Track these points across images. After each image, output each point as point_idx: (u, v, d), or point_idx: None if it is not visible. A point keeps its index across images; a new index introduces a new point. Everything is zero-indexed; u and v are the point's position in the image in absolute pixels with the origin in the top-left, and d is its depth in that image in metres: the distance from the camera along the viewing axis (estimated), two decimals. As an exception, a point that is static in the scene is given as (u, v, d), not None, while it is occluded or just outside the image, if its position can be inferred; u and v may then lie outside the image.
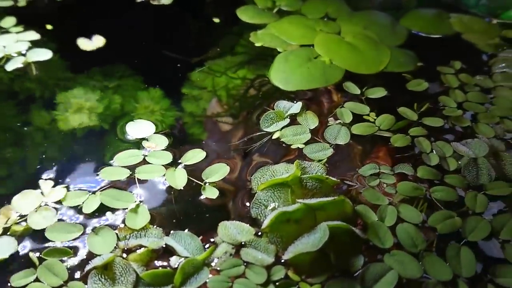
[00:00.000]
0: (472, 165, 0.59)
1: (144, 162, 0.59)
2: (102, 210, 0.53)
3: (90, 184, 0.57)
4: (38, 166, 0.60)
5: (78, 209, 0.53)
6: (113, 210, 0.53)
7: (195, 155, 0.60)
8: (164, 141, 0.62)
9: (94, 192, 0.55)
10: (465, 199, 0.55)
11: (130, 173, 0.57)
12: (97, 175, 0.58)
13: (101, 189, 0.55)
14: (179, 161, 0.59)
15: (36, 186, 0.56)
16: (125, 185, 0.57)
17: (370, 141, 0.63)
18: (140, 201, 0.54)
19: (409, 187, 0.56)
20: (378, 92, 0.70)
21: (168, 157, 0.59)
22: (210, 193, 0.55)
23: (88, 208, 0.53)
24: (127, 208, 0.53)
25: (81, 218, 0.53)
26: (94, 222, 0.52)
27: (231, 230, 0.51)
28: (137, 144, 0.62)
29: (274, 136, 0.63)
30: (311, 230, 0.50)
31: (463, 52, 0.80)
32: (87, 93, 0.72)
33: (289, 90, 0.71)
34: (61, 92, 0.72)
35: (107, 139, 0.65)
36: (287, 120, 0.65)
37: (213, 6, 0.93)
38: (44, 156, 0.62)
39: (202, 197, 0.55)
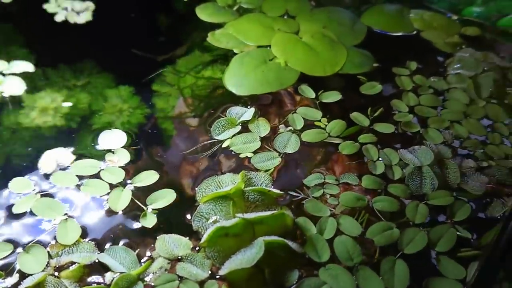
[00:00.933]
0: (416, 174, 0.59)
1: (98, 176, 0.58)
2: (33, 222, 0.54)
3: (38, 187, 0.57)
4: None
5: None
6: (42, 222, 0.53)
7: (147, 177, 0.58)
8: (126, 157, 0.61)
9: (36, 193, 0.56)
10: (406, 209, 0.56)
11: (79, 183, 0.57)
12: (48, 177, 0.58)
13: (42, 193, 0.56)
14: (129, 181, 0.58)
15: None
16: (69, 194, 0.57)
17: (320, 148, 0.63)
18: (70, 216, 0.54)
19: (352, 197, 0.57)
20: (332, 96, 0.70)
21: (121, 175, 0.58)
22: (148, 221, 0.53)
23: (18, 209, 0.54)
24: (55, 219, 0.53)
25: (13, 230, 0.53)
26: (25, 238, 0.52)
27: (169, 244, 0.51)
28: (104, 154, 0.62)
29: (224, 145, 0.63)
30: (248, 245, 0.50)
31: (420, 51, 0.80)
32: (54, 93, 0.72)
33: (242, 95, 0.71)
34: (27, 92, 0.71)
35: (75, 140, 0.64)
36: (239, 127, 0.65)
37: (183, 2, 0.92)
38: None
39: (138, 225, 0.54)
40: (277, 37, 0.80)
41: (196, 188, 0.58)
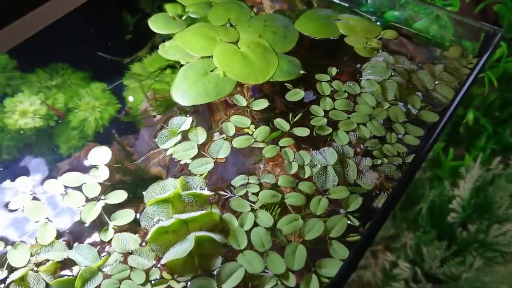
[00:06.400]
0: (322, 173, 0.74)
1: (80, 187, 0.72)
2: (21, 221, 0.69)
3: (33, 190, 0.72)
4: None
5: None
6: (29, 222, 0.68)
7: (118, 196, 0.71)
8: (106, 174, 0.74)
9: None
10: (310, 203, 0.71)
11: (64, 192, 0.71)
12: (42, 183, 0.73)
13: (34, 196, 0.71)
14: (103, 197, 0.71)
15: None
16: (53, 200, 0.71)
17: (247, 152, 0.77)
18: (49, 220, 0.68)
19: (268, 195, 0.71)
20: (260, 104, 0.83)
21: (98, 191, 0.71)
22: (106, 236, 0.66)
23: (15, 205, 0.70)
24: (38, 221, 0.68)
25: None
26: (14, 235, 0.67)
27: (122, 241, 0.66)
28: (90, 167, 0.75)
29: (168, 153, 0.77)
30: (183, 239, 0.65)
31: (342, 56, 0.93)
32: (32, 95, 0.85)
33: (186, 105, 0.84)
34: (7, 96, 0.85)
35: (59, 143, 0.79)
36: (179, 137, 0.79)
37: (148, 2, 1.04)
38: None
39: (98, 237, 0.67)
40: (219, 47, 0.92)
41: (143, 192, 0.72)
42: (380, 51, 0.93)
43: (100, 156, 0.76)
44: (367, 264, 0.96)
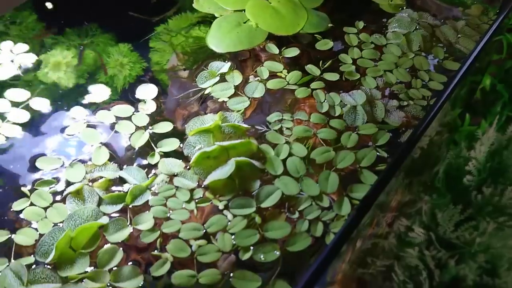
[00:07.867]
0: (352, 111, 0.78)
1: (129, 118, 0.77)
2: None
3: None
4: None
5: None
6: (84, 145, 0.74)
7: (164, 126, 0.76)
8: (153, 107, 0.79)
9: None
10: (341, 137, 0.75)
11: (115, 122, 0.77)
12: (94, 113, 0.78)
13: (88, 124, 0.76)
14: (150, 127, 0.76)
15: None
16: (106, 128, 0.76)
17: (280, 93, 0.82)
18: (103, 144, 0.74)
19: (301, 129, 0.76)
20: (292, 52, 0.88)
21: (146, 121, 0.77)
22: (153, 159, 0.72)
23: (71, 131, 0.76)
24: (93, 145, 0.73)
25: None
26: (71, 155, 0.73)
27: (167, 165, 0.71)
28: (139, 102, 0.80)
29: (207, 91, 0.82)
30: (224, 164, 0.70)
31: (368, 12, 0.97)
32: (64, 52, 0.90)
33: (221, 52, 0.89)
34: (41, 52, 0.90)
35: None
36: (218, 78, 0.84)
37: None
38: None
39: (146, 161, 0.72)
40: (250, 2, 0.96)
41: (185, 125, 0.77)
42: (405, 8, 0.97)
43: (148, 91, 0.81)
44: (382, 231, 1.00)
